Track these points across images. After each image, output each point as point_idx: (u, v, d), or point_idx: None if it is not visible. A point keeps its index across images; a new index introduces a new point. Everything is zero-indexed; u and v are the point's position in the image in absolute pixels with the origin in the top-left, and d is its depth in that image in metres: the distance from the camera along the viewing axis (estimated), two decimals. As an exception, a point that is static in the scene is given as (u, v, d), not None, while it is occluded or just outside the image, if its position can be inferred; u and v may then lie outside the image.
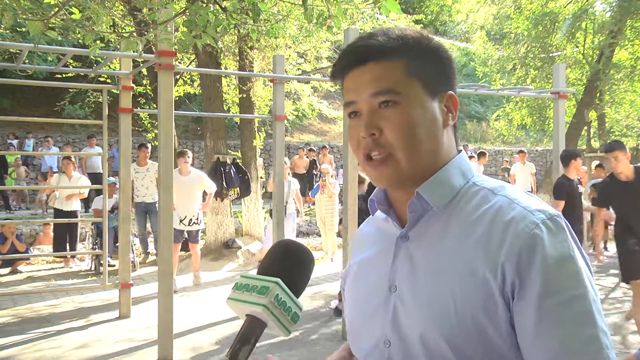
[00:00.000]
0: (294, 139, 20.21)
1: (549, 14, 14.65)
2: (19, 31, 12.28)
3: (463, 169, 1.02)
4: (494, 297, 0.88)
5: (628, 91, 15.53)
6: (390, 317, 0.97)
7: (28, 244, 10.05)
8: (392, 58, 0.97)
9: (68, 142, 14.98)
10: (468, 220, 0.95)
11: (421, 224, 1.00)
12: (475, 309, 0.89)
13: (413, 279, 0.96)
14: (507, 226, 0.90)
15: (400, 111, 0.95)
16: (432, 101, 0.98)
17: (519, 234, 0.88)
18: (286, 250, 0.91)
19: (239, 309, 0.86)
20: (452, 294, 0.90)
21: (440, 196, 0.98)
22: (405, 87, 0.96)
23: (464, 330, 0.89)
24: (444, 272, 0.93)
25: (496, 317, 0.88)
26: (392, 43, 0.97)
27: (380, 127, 0.95)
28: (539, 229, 0.89)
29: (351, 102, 0.99)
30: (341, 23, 3.90)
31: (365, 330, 1.03)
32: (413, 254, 0.98)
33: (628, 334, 5.63)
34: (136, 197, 8.64)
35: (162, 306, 4.70)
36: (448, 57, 1.03)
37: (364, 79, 0.97)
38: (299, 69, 9.91)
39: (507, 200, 0.94)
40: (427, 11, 27.63)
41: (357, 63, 0.98)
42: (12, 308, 6.62)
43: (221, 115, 9.53)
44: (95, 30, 3.92)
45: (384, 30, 1.00)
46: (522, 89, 9.10)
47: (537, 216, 0.90)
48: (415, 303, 0.95)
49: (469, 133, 24.42)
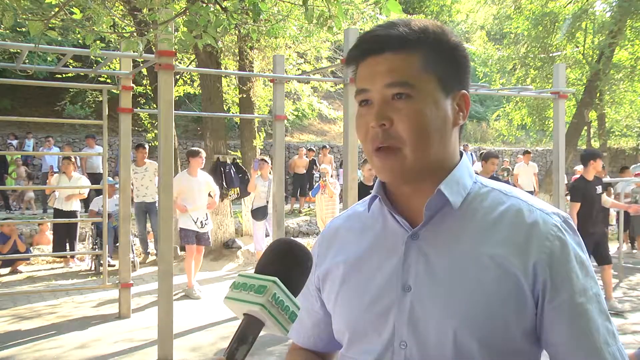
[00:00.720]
0: (294, 139, 20.21)
1: (549, 14, 14.64)
2: (19, 31, 12.28)
3: (470, 169, 1.03)
4: (524, 294, 0.92)
5: (628, 91, 15.52)
6: (407, 318, 0.96)
7: (28, 244, 10.06)
8: (411, 50, 0.95)
9: (68, 142, 14.98)
10: (487, 220, 0.97)
11: (434, 222, 0.99)
12: (506, 306, 0.91)
13: (431, 279, 0.95)
14: (530, 228, 0.94)
15: (413, 105, 0.94)
16: (446, 99, 0.97)
17: (547, 236, 0.93)
18: (284, 249, 0.90)
19: (236, 308, 0.85)
20: (483, 292, 0.92)
21: (457, 194, 0.98)
22: (421, 81, 0.95)
23: (494, 328, 0.91)
24: (468, 271, 0.93)
25: (524, 314, 0.92)
26: (413, 35, 0.96)
27: (391, 118, 0.94)
28: (561, 232, 0.94)
29: (363, 90, 0.98)
30: (341, 23, 3.91)
31: (371, 332, 1.00)
32: (428, 253, 0.97)
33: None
34: (136, 197, 8.62)
35: (162, 306, 4.70)
36: (465, 55, 1.02)
37: (380, 69, 0.95)
38: (299, 69, 9.92)
39: (523, 203, 0.98)
40: (427, 11, 27.61)
41: (375, 51, 0.96)
42: (12, 308, 6.62)
43: (221, 115, 9.53)
44: (96, 31, 3.92)
45: (406, 21, 0.98)
46: (522, 89, 9.11)
47: (555, 219, 0.96)
48: (438, 303, 0.94)
49: (469, 133, 24.41)
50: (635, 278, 8.65)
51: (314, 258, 1.11)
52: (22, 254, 8.56)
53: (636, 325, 5.98)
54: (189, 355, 5.06)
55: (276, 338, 5.01)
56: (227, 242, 9.48)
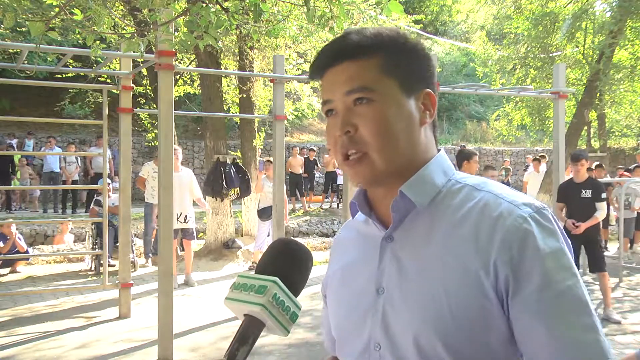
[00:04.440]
0: (294, 139, 20.21)
1: (549, 14, 14.63)
2: (19, 31, 12.28)
3: (444, 167, 1.02)
4: (487, 294, 0.88)
5: (628, 91, 15.50)
6: (380, 320, 0.96)
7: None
8: (367, 56, 0.97)
9: (68, 142, 14.96)
10: (454, 218, 0.95)
11: (405, 224, 0.99)
12: (470, 307, 0.89)
13: (402, 280, 0.95)
14: (495, 222, 0.90)
15: (375, 108, 0.95)
16: (408, 99, 0.98)
17: (509, 229, 0.89)
18: (284, 249, 0.90)
19: (237, 308, 0.85)
20: (446, 293, 0.90)
21: (423, 194, 0.97)
22: (380, 85, 0.96)
23: (459, 330, 0.89)
24: (434, 271, 0.92)
25: (491, 314, 0.89)
26: (367, 41, 0.97)
27: (355, 124, 0.95)
28: (527, 223, 0.89)
29: (327, 101, 1.00)
30: (343, 24, 3.90)
31: (352, 335, 1.01)
32: (400, 255, 0.98)
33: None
34: (151, 197, 8.41)
35: (162, 306, 4.70)
36: (425, 55, 1.03)
37: (340, 78, 0.97)
38: (299, 69, 9.92)
39: (492, 196, 0.95)
40: (427, 11, 27.63)
41: (333, 62, 0.98)
42: (12, 308, 6.62)
43: (221, 115, 9.53)
44: (97, 31, 3.92)
45: (359, 29, 1.00)
46: (522, 89, 9.10)
47: (524, 210, 0.91)
48: (407, 304, 0.94)
49: (469, 133, 24.43)
50: (635, 278, 8.66)
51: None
52: (22, 254, 8.56)
53: (636, 325, 5.98)
54: (189, 355, 5.06)
55: (276, 338, 5.02)
56: (227, 242, 9.48)
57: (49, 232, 10.89)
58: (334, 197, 15.81)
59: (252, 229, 10.05)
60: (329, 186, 15.77)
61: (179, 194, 7.31)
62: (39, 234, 10.90)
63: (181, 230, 7.58)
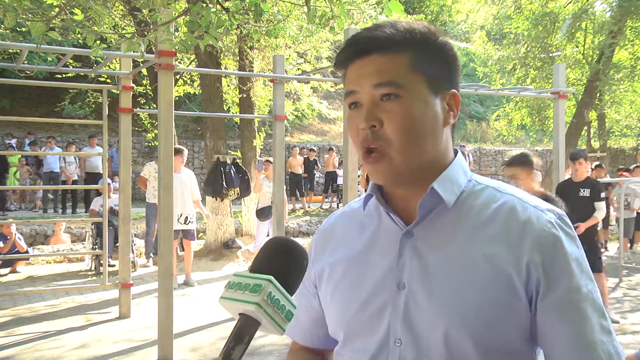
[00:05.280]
0: (294, 139, 20.21)
1: (549, 14, 14.63)
2: (19, 31, 12.28)
3: (464, 167, 1.03)
4: (517, 292, 0.92)
5: (628, 91, 15.50)
6: (401, 316, 0.96)
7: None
8: (398, 51, 0.95)
9: (68, 142, 14.96)
10: (480, 217, 0.97)
11: (427, 221, 0.99)
12: (499, 304, 0.92)
13: (425, 277, 0.96)
14: (524, 225, 0.94)
15: (402, 105, 0.94)
16: (435, 98, 0.97)
17: (540, 234, 0.93)
18: (279, 248, 0.90)
19: (232, 308, 0.85)
20: (475, 290, 0.92)
21: (451, 193, 0.98)
22: (408, 81, 0.95)
23: (487, 325, 0.92)
24: (461, 269, 0.94)
25: (518, 311, 0.92)
26: (399, 36, 0.96)
27: (380, 119, 0.95)
28: (555, 228, 0.94)
29: (352, 92, 0.98)
30: (344, 23, 3.90)
31: (365, 331, 1.00)
32: (422, 251, 0.97)
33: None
34: (153, 197, 8.31)
35: (162, 306, 4.70)
36: (454, 55, 1.02)
37: (367, 70, 0.95)
38: (299, 69, 9.92)
39: (517, 200, 0.98)
40: (427, 11, 27.60)
41: (362, 53, 0.97)
42: (12, 308, 6.63)
43: (221, 115, 9.53)
44: (97, 31, 3.92)
45: (392, 22, 0.99)
46: (522, 89, 9.10)
47: (549, 216, 0.96)
48: (432, 301, 0.94)
49: (469, 133, 24.41)
50: (635, 278, 8.66)
51: (311, 255, 1.13)
52: (22, 254, 8.56)
53: (636, 325, 5.99)
54: (189, 355, 5.06)
55: (275, 338, 5.02)
56: (227, 242, 9.48)
57: (49, 232, 10.89)
58: (334, 197, 15.83)
59: (252, 229, 10.05)
60: (329, 186, 15.80)
61: (180, 195, 7.33)
62: (39, 234, 10.89)
63: (182, 231, 7.59)
